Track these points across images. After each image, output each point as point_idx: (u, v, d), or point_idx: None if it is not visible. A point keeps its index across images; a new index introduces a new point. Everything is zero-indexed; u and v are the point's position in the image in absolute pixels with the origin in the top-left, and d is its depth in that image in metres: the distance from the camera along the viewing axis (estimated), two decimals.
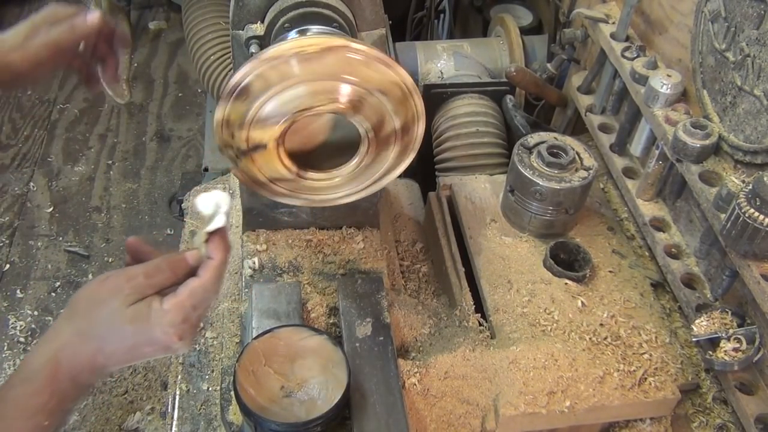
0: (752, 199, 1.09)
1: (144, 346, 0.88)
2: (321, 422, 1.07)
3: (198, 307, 0.89)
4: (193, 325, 0.89)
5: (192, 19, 2.45)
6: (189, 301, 0.88)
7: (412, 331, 1.36)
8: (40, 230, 2.68)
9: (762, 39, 1.16)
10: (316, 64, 0.95)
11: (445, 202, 1.61)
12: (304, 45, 0.95)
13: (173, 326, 0.87)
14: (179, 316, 0.87)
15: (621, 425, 1.31)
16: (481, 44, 2.12)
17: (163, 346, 0.88)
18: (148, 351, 0.89)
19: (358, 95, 0.99)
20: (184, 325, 0.87)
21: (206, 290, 0.90)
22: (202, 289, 0.90)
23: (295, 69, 0.96)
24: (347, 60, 0.96)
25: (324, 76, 0.97)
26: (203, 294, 0.90)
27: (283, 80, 0.96)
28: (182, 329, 0.87)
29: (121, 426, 2.09)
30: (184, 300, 0.88)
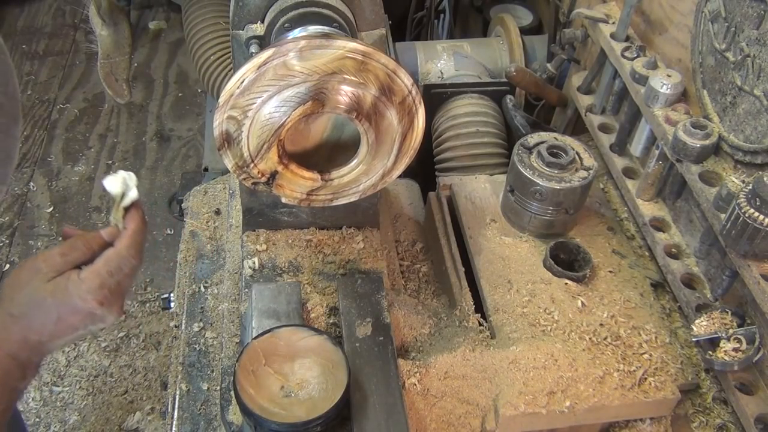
0: (752, 199, 1.09)
1: (69, 316, 0.92)
2: (321, 422, 1.07)
3: (114, 273, 0.93)
4: (113, 291, 0.93)
5: (192, 19, 2.45)
6: (104, 268, 0.93)
7: (412, 331, 1.36)
8: (40, 230, 2.68)
9: (762, 39, 1.16)
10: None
11: (445, 202, 1.61)
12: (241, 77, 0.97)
13: (90, 292, 0.91)
14: (95, 281, 0.92)
15: (621, 425, 1.31)
16: (481, 44, 2.12)
17: (87, 314, 0.92)
18: (75, 321, 0.93)
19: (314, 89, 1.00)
20: (102, 291, 0.92)
21: (121, 257, 0.94)
22: (117, 256, 0.94)
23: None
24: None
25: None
26: (118, 260, 0.94)
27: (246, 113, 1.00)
28: (101, 294, 0.92)
29: (121, 426, 2.09)
30: (99, 267, 0.93)
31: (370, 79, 1.01)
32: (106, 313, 0.93)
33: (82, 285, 0.92)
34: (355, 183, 1.12)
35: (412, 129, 1.08)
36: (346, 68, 0.99)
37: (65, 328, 0.93)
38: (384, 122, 1.06)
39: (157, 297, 2.49)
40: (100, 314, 0.93)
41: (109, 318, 0.95)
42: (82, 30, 3.59)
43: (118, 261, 0.94)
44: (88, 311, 0.92)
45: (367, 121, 1.05)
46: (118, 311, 0.96)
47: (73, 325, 0.93)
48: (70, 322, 0.93)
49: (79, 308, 0.92)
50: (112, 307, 0.94)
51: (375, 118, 1.05)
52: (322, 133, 1.11)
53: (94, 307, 0.92)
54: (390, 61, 1.02)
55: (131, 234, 0.97)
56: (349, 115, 1.03)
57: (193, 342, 1.41)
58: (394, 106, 1.05)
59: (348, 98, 1.02)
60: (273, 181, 1.08)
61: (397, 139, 1.08)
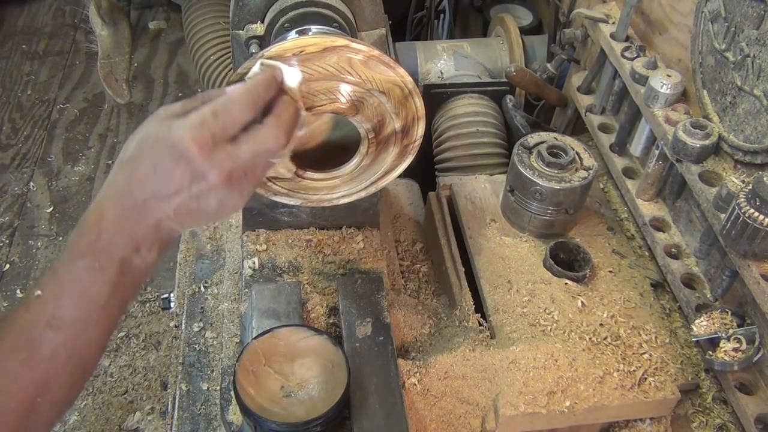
0: (752, 199, 1.09)
1: (167, 162, 0.78)
2: (321, 422, 1.07)
3: (219, 115, 0.79)
4: (216, 137, 0.78)
5: (192, 19, 2.45)
6: (209, 107, 0.79)
7: (412, 331, 1.36)
8: (40, 230, 2.68)
9: (762, 39, 1.16)
10: (316, 63, 0.96)
11: (445, 202, 1.61)
12: (304, 45, 0.95)
13: (188, 128, 0.77)
14: (195, 118, 0.78)
15: (621, 425, 1.31)
16: (481, 44, 2.12)
17: (184, 161, 0.77)
18: (174, 170, 0.78)
19: (358, 95, 0.99)
20: (201, 130, 0.77)
21: (230, 100, 0.80)
22: (226, 99, 0.81)
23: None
24: (348, 60, 0.96)
25: (324, 76, 0.97)
26: (226, 103, 0.80)
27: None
28: (200, 134, 0.77)
29: (121, 426, 2.09)
30: (205, 108, 0.79)
31: (403, 115, 1.03)
32: (205, 165, 0.77)
33: (185, 122, 0.78)
34: (322, 191, 1.11)
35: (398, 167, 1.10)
36: (394, 95, 1.00)
37: (165, 180, 0.78)
38: (382, 154, 1.07)
39: (157, 297, 2.49)
40: (199, 164, 0.77)
41: (211, 175, 0.78)
42: (82, 30, 3.59)
43: (226, 103, 0.79)
44: (186, 157, 0.77)
45: (374, 147, 1.06)
46: (224, 176, 0.79)
47: (173, 178, 0.78)
48: (169, 170, 0.78)
49: (175, 149, 0.77)
50: (212, 160, 0.77)
51: (381, 147, 1.06)
52: (323, 133, 1.11)
53: (189, 148, 0.76)
54: (422, 107, 1.03)
55: (251, 82, 0.84)
56: (368, 133, 1.04)
57: (193, 342, 1.41)
58: (400, 146, 1.07)
59: (377, 120, 1.03)
60: None
61: (382, 171, 1.10)
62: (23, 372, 0.80)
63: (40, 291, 0.81)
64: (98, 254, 0.80)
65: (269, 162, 0.86)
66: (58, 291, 0.81)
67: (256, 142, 0.81)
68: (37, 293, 0.81)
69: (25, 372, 0.80)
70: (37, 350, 0.80)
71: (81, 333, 0.82)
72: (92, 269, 0.80)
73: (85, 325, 0.82)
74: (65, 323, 0.80)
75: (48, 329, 0.80)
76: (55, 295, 0.81)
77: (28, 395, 0.80)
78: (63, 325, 0.80)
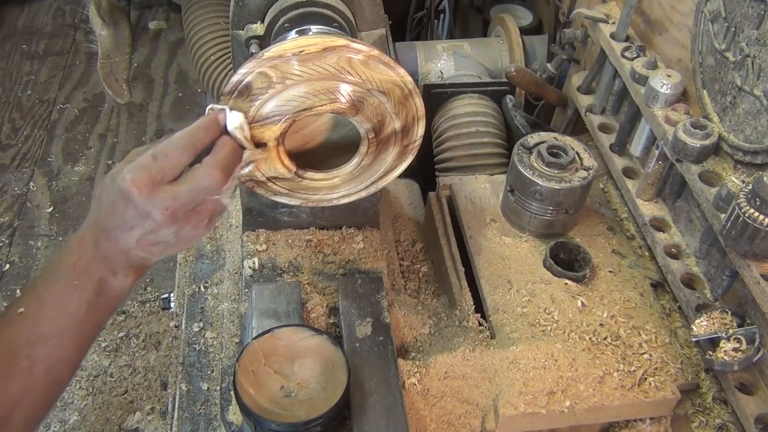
0: (752, 199, 1.09)
1: (118, 201, 0.85)
2: (321, 422, 1.07)
3: (158, 158, 0.85)
4: (153, 178, 0.84)
5: (192, 19, 2.45)
6: (150, 152, 0.86)
7: (412, 331, 1.36)
8: (40, 230, 2.68)
9: (762, 39, 1.16)
10: (317, 63, 0.96)
11: (445, 202, 1.61)
12: (305, 45, 0.95)
13: (130, 171, 0.84)
14: (137, 161, 0.85)
15: (621, 425, 1.31)
16: (481, 44, 2.12)
17: (129, 200, 0.84)
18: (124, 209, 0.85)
19: (358, 95, 0.99)
20: (140, 171, 0.84)
21: (168, 144, 0.87)
22: (165, 143, 0.87)
23: (296, 68, 0.96)
24: (348, 60, 0.96)
25: (325, 76, 0.97)
26: (166, 144, 0.87)
27: (285, 79, 0.96)
28: (139, 176, 0.83)
29: (121, 426, 2.09)
30: (147, 152, 0.86)
31: (403, 115, 1.03)
32: (148, 205, 0.83)
33: (129, 165, 0.85)
34: (322, 191, 1.11)
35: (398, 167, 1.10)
36: (394, 95, 1.01)
37: (120, 218, 0.85)
38: (382, 154, 1.07)
39: (157, 297, 2.49)
40: (141, 204, 0.83)
41: (155, 214, 0.84)
42: (82, 30, 3.59)
43: (165, 147, 0.85)
44: (130, 199, 0.84)
45: (374, 147, 1.06)
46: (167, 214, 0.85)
47: (125, 216, 0.85)
48: (121, 210, 0.85)
49: (121, 192, 0.84)
50: (153, 200, 0.84)
51: (381, 147, 1.06)
52: (323, 133, 1.11)
53: (130, 190, 0.83)
54: (422, 107, 1.04)
55: (189, 127, 0.89)
56: (368, 133, 1.04)
57: (193, 342, 1.41)
58: (400, 146, 1.07)
59: (377, 120, 1.03)
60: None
61: (382, 171, 1.10)
62: (2, 384, 0.84)
63: (22, 308, 0.86)
64: (78, 273, 0.87)
65: (215, 201, 0.90)
66: (39, 307, 0.87)
67: (192, 181, 0.86)
68: (20, 311, 0.86)
69: (3, 384, 0.84)
70: (15, 364, 0.84)
71: (56, 349, 0.87)
72: (71, 287, 0.86)
73: (60, 341, 0.87)
74: (43, 339, 0.86)
75: (27, 344, 0.85)
76: (36, 312, 0.86)
77: (4, 408, 0.84)
78: (41, 340, 0.85)
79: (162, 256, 0.92)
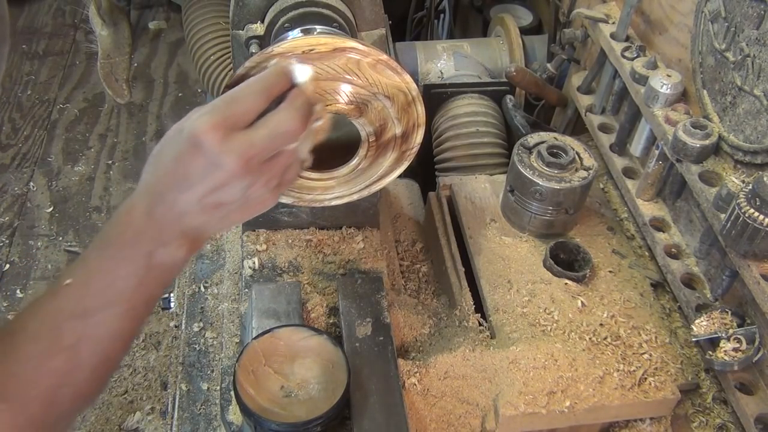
0: (752, 199, 1.09)
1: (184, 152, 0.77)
2: (321, 422, 1.07)
3: (231, 102, 0.79)
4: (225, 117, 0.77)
5: (192, 19, 2.45)
6: (221, 97, 0.80)
7: (412, 331, 1.36)
8: (40, 230, 2.68)
9: (762, 39, 1.16)
10: (325, 63, 0.96)
11: (445, 202, 1.61)
12: (315, 43, 0.95)
13: (203, 116, 0.77)
14: (210, 107, 0.79)
15: (621, 425, 1.31)
16: (481, 44, 2.12)
17: (198, 148, 0.76)
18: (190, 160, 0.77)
19: (363, 98, 0.99)
20: (215, 117, 0.77)
21: (241, 89, 0.81)
22: (237, 88, 0.81)
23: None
24: (357, 62, 0.97)
25: (332, 77, 0.97)
26: (236, 91, 0.81)
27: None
28: (213, 121, 0.76)
29: (121, 426, 2.09)
30: (218, 99, 0.80)
31: (404, 121, 1.03)
32: (222, 152, 0.76)
33: (199, 112, 0.78)
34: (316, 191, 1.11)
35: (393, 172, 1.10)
36: (398, 100, 1.01)
37: (185, 171, 0.78)
38: (379, 158, 1.08)
39: None
40: (215, 151, 0.76)
41: (228, 162, 0.76)
42: (82, 30, 3.59)
43: (238, 92, 0.80)
44: (201, 145, 0.76)
45: (373, 150, 1.06)
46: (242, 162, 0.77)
47: (192, 168, 0.77)
48: (188, 161, 0.77)
49: (191, 139, 0.76)
50: (228, 146, 0.76)
51: (380, 151, 1.06)
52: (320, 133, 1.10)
53: (202, 136, 0.75)
54: (423, 114, 1.03)
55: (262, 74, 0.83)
56: (369, 136, 1.04)
57: (193, 342, 1.41)
58: (398, 152, 1.07)
59: (379, 124, 1.03)
60: None
61: (377, 175, 1.10)
62: (44, 360, 0.78)
63: (70, 279, 0.80)
64: (126, 245, 0.80)
65: (292, 152, 0.83)
66: (86, 279, 0.80)
67: (271, 125, 0.79)
68: (67, 281, 0.80)
69: (46, 360, 0.78)
70: (59, 339, 0.78)
71: (104, 325, 0.80)
72: (119, 259, 0.80)
73: (109, 316, 0.80)
74: (89, 313, 0.79)
75: (72, 318, 0.79)
76: (83, 284, 0.80)
77: (50, 384, 0.78)
78: (87, 314, 0.79)
79: (221, 226, 0.84)
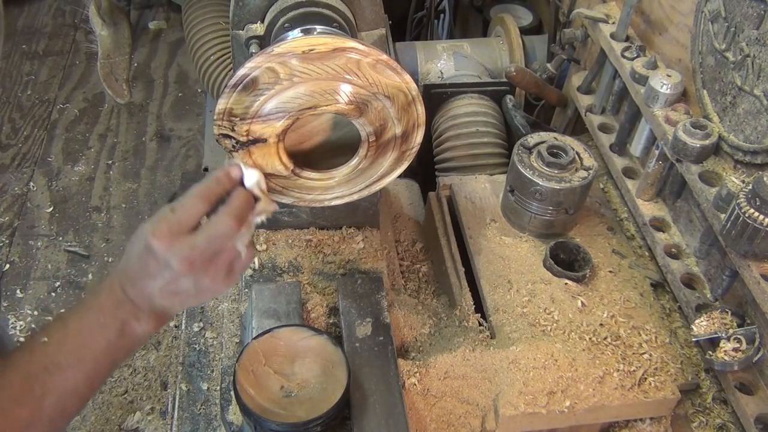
0: (752, 199, 1.09)
1: (144, 254, 0.89)
2: (321, 422, 1.07)
3: (176, 209, 0.89)
4: (173, 230, 0.88)
5: (192, 19, 2.45)
6: (168, 205, 0.91)
7: (412, 331, 1.36)
8: (40, 230, 2.68)
9: (762, 39, 1.16)
10: (325, 63, 0.95)
11: (445, 202, 1.61)
12: (315, 43, 0.95)
13: (152, 224, 0.88)
14: (159, 215, 0.90)
15: (621, 425, 1.31)
16: (481, 44, 2.12)
17: (151, 253, 0.88)
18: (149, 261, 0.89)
19: (363, 98, 0.99)
20: (160, 224, 0.88)
21: (185, 196, 0.91)
22: (183, 197, 0.91)
23: (305, 66, 0.96)
24: (357, 62, 0.96)
25: (332, 76, 0.97)
26: (181, 199, 0.91)
27: (292, 77, 0.96)
28: (159, 229, 0.87)
29: (121, 426, 2.08)
30: (166, 206, 0.91)
31: (404, 120, 1.04)
32: (167, 256, 0.87)
33: (151, 219, 0.90)
34: (316, 191, 1.11)
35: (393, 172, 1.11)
36: (398, 100, 1.01)
37: (144, 268, 0.89)
38: (380, 158, 1.08)
39: None
40: (161, 254, 0.87)
41: (173, 263, 0.87)
42: (82, 30, 3.59)
43: (183, 199, 0.90)
44: (151, 249, 0.87)
45: (374, 150, 1.05)
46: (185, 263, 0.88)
47: (148, 266, 0.88)
48: (144, 260, 0.89)
49: (144, 243, 0.88)
50: (172, 250, 0.87)
51: (380, 151, 1.06)
52: (321, 133, 1.11)
53: (151, 241, 0.87)
54: (423, 114, 1.04)
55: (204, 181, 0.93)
56: (369, 136, 1.04)
57: (193, 342, 1.41)
58: (398, 152, 1.08)
59: (379, 124, 1.03)
60: (250, 146, 1.03)
61: (377, 175, 1.11)
62: (13, 408, 0.86)
63: (46, 338, 0.90)
64: (105, 313, 0.91)
65: (232, 249, 0.91)
66: (63, 338, 0.90)
67: (209, 230, 0.89)
68: (43, 339, 0.90)
69: (15, 408, 0.86)
70: (30, 390, 0.87)
71: (70, 381, 0.90)
72: (97, 324, 0.91)
73: (75, 373, 0.90)
74: (60, 368, 0.89)
75: (44, 372, 0.88)
76: (59, 342, 0.90)
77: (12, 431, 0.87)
78: (57, 369, 0.89)
79: (184, 307, 0.96)
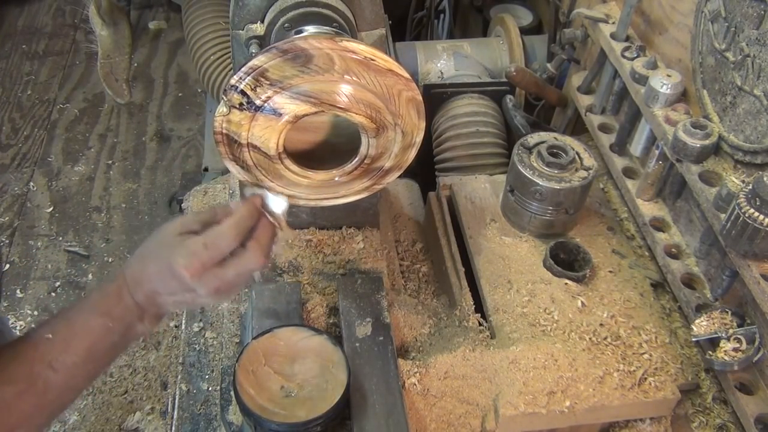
0: (752, 199, 1.09)
1: (166, 275, 0.94)
2: (321, 422, 1.07)
3: (209, 247, 0.93)
4: (204, 263, 0.93)
5: (192, 19, 2.45)
6: (203, 239, 0.94)
7: (412, 331, 1.36)
8: (40, 230, 2.68)
9: (762, 39, 1.16)
10: (379, 77, 0.97)
11: (445, 202, 1.61)
12: (378, 56, 0.96)
13: (183, 256, 0.92)
14: (191, 248, 0.93)
15: (621, 425, 1.31)
16: (481, 44, 2.12)
17: (178, 278, 0.93)
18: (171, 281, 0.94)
19: (387, 124, 1.01)
20: (192, 259, 0.92)
21: (219, 234, 0.95)
22: (215, 232, 0.95)
23: (360, 70, 0.97)
24: (399, 91, 0.99)
25: (377, 92, 0.98)
26: (214, 236, 0.94)
27: (345, 73, 0.96)
28: (191, 263, 0.92)
29: (121, 426, 2.08)
30: (200, 237, 0.94)
31: (396, 160, 1.07)
32: (195, 285, 0.93)
33: (182, 249, 0.94)
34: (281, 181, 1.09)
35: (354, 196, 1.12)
36: (405, 140, 1.04)
37: (164, 285, 0.95)
38: (356, 180, 1.09)
39: None
40: (190, 284, 0.93)
41: (200, 291, 0.94)
42: (82, 30, 3.59)
43: (216, 237, 0.94)
44: (179, 278, 0.93)
45: (360, 171, 1.08)
46: (212, 291, 0.95)
47: (169, 286, 0.95)
48: (167, 281, 0.94)
49: (172, 270, 0.93)
50: (201, 281, 0.93)
51: (362, 174, 1.08)
52: (317, 131, 1.10)
53: (182, 273, 0.92)
54: (407, 163, 1.08)
55: (237, 215, 0.98)
56: (367, 158, 1.05)
57: (193, 342, 1.41)
58: (371, 182, 1.10)
59: (380, 151, 1.05)
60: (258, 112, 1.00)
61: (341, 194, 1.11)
62: (16, 402, 0.90)
63: (50, 335, 0.94)
64: (113, 317, 0.96)
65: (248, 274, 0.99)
66: (70, 338, 0.95)
67: (239, 266, 0.95)
68: (47, 336, 0.94)
69: (18, 403, 0.90)
70: (34, 385, 0.91)
71: (71, 377, 0.95)
72: (105, 328, 0.96)
73: (77, 371, 0.95)
74: (65, 367, 0.93)
75: (48, 368, 0.92)
76: (65, 340, 0.94)
77: (13, 424, 0.90)
78: (63, 368, 0.93)
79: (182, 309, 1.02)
